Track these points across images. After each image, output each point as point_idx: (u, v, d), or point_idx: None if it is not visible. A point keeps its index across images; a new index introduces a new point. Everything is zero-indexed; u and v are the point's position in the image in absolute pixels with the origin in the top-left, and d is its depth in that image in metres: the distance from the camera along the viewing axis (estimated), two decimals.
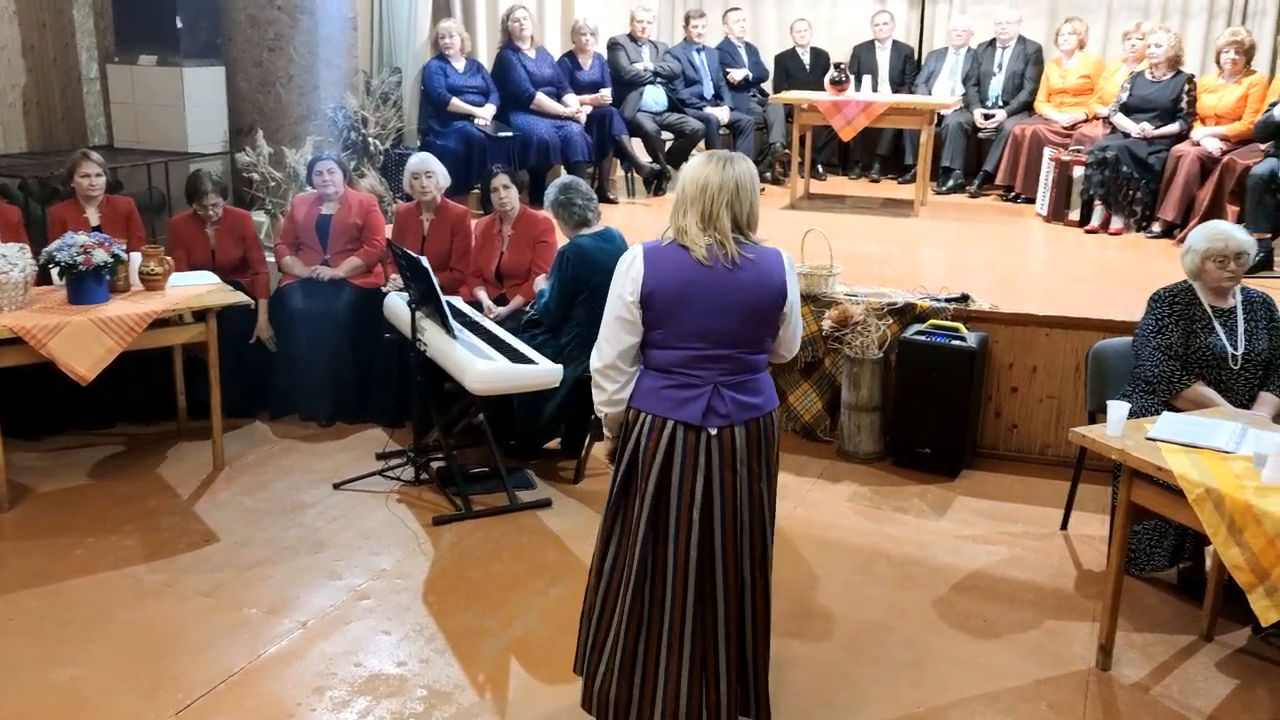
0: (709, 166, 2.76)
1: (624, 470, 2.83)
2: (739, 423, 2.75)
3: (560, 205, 4.73)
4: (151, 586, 3.85)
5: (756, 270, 2.74)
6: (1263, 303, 3.95)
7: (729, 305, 2.72)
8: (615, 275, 2.81)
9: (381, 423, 5.38)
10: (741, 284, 2.72)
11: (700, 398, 2.74)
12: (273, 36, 6.29)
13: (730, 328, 2.73)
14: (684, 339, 2.74)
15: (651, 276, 2.73)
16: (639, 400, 2.80)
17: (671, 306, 2.72)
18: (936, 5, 9.24)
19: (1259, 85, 6.62)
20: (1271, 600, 2.84)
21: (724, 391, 2.75)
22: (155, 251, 4.77)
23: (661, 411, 2.75)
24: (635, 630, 2.82)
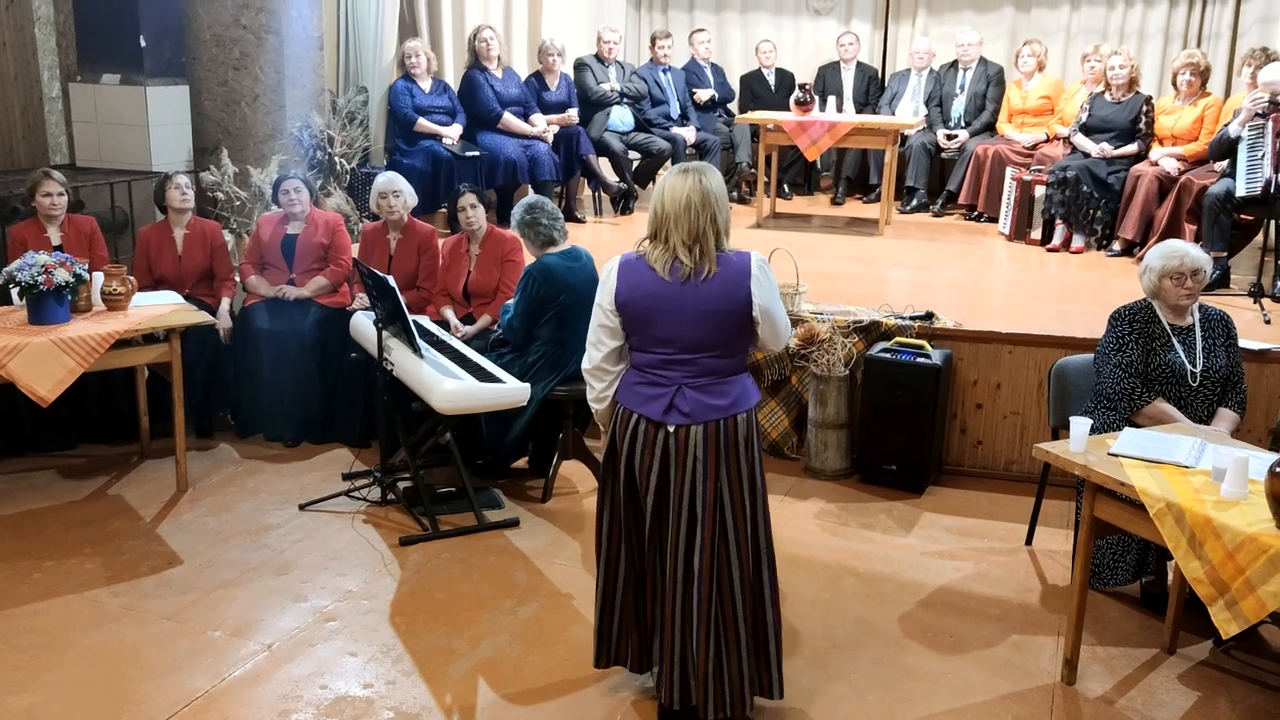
0: (686, 181, 2.94)
1: (606, 454, 3.14)
2: (699, 422, 2.98)
3: (526, 225, 4.73)
4: (113, 610, 3.80)
5: (722, 280, 2.95)
6: (1220, 320, 4.01)
7: (693, 315, 2.95)
8: (599, 285, 3.08)
9: (348, 443, 5.35)
10: (705, 295, 2.94)
11: (664, 396, 3.00)
12: (238, 55, 6.27)
13: (695, 335, 2.96)
14: (653, 344, 3.01)
15: (623, 288, 3.00)
16: (619, 394, 3.11)
17: (640, 316, 2.99)
18: (899, 27, 9.37)
19: (1214, 106, 6.75)
20: (1232, 613, 2.88)
21: (688, 392, 2.99)
22: (118, 271, 4.73)
23: (631, 405, 3.05)
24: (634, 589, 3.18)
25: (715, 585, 3.04)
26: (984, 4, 9.04)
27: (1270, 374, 4.71)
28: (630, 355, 3.10)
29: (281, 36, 6.32)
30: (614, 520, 3.17)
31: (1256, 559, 2.80)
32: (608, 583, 3.22)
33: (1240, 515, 2.92)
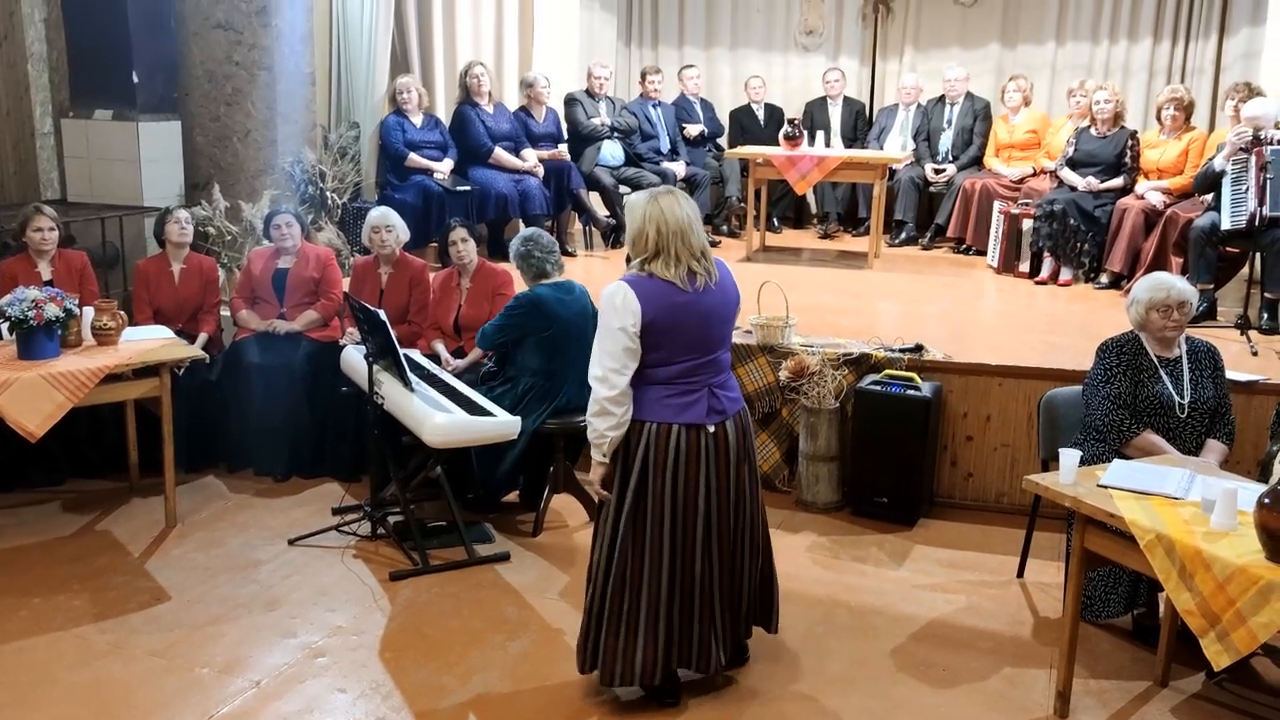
0: (676, 201, 3.21)
1: (637, 477, 3.23)
2: (729, 416, 3.29)
3: (520, 256, 4.77)
4: (100, 647, 3.77)
5: (720, 283, 3.27)
6: (1207, 352, 4.04)
7: (710, 318, 3.23)
8: (608, 313, 3.15)
9: (338, 477, 5.33)
10: (714, 298, 3.24)
11: (699, 401, 3.23)
12: (230, 91, 6.30)
13: (713, 336, 3.25)
14: (681, 353, 3.20)
15: (647, 307, 3.13)
16: (644, 413, 3.22)
17: (669, 328, 3.16)
18: (887, 63, 9.46)
19: (1198, 140, 6.82)
20: (1223, 645, 2.88)
21: (715, 391, 3.27)
22: (108, 306, 4.72)
23: (666, 418, 3.21)
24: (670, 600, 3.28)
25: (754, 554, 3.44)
26: (970, 40, 9.14)
27: (1258, 405, 4.73)
28: (647, 374, 3.21)
29: (274, 72, 6.36)
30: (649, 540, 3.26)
31: (1247, 590, 2.81)
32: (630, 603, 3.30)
33: (1230, 547, 2.93)
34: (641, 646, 3.30)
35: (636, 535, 3.28)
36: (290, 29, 6.42)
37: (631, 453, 3.24)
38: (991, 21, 9.07)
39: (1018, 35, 9.02)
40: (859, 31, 9.51)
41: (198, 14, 6.30)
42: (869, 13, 9.42)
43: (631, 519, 3.27)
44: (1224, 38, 8.33)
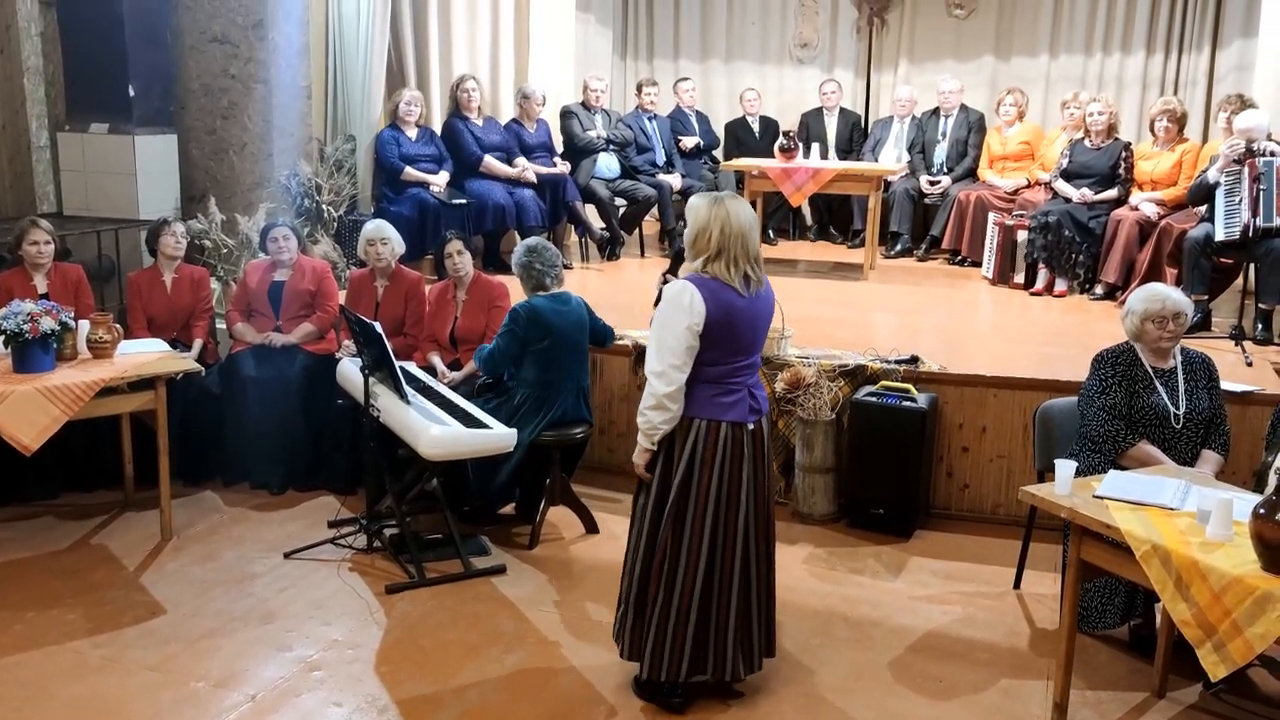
0: (740, 205, 3.33)
1: (683, 473, 3.33)
2: (764, 414, 3.45)
3: (521, 266, 4.79)
4: (95, 661, 3.76)
5: (766, 289, 3.41)
6: (1202, 363, 4.05)
7: (759, 324, 3.38)
8: (674, 310, 3.25)
9: (334, 490, 5.32)
10: (763, 304, 3.39)
11: (742, 400, 3.36)
12: (226, 104, 6.31)
13: (757, 340, 3.41)
14: (731, 355, 3.32)
15: (713, 308, 3.24)
16: (693, 410, 3.33)
17: (727, 331, 3.28)
18: (881, 75, 9.51)
19: (1192, 152, 6.85)
20: (1220, 655, 2.88)
21: (753, 391, 3.41)
22: (104, 319, 4.72)
23: (715, 416, 3.32)
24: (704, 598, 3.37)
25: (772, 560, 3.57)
26: (964, 52, 9.19)
27: (1253, 416, 4.74)
28: (700, 372, 3.31)
29: (270, 86, 6.37)
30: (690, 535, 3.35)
31: (1243, 600, 2.81)
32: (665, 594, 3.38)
33: (1226, 557, 2.93)
34: (670, 640, 3.38)
35: (677, 529, 3.36)
36: (286, 43, 6.43)
37: (679, 448, 3.34)
38: (985, 34, 9.12)
39: (1011, 48, 9.08)
40: (854, 44, 9.56)
41: (194, 28, 6.31)
42: (863, 25, 9.47)
43: (676, 513, 3.36)
44: (1216, 50, 8.38)
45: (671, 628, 3.38)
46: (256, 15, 6.29)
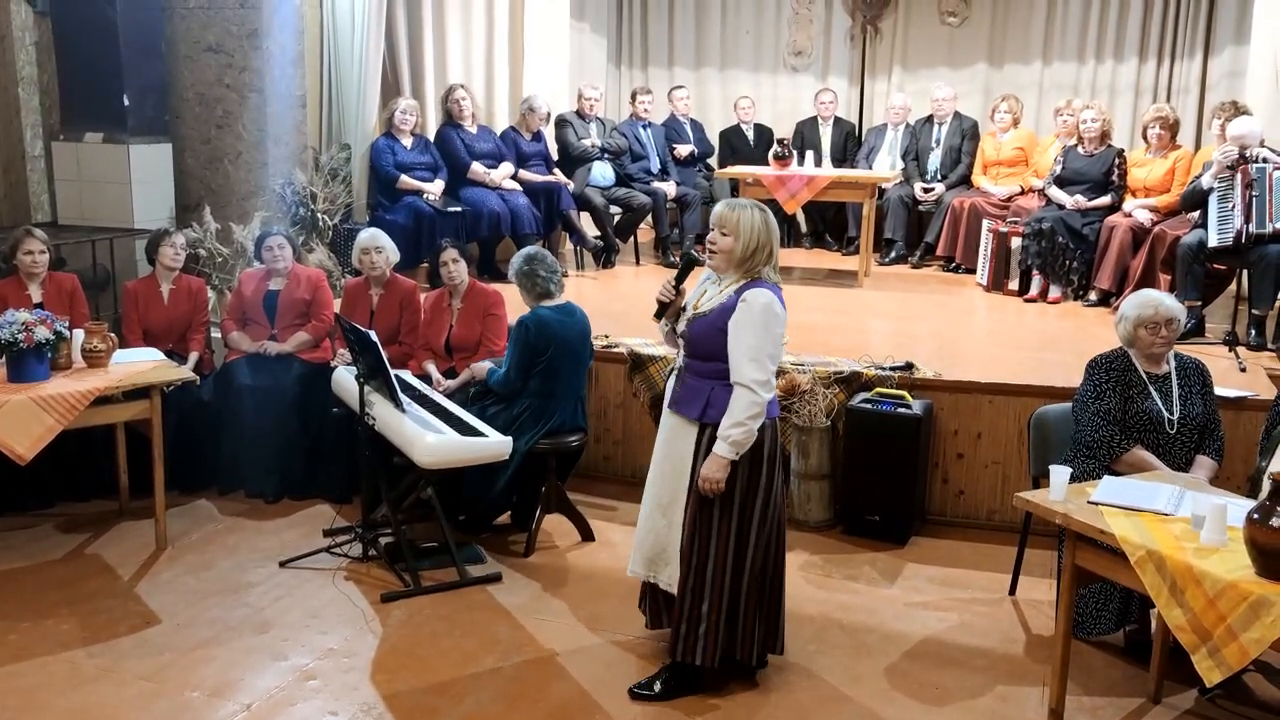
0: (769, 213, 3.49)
1: (767, 472, 3.49)
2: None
3: (524, 275, 4.76)
4: (90, 671, 3.75)
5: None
6: (1196, 369, 4.06)
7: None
8: (772, 320, 3.38)
9: (329, 498, 5.31)
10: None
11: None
12: (221, 114, 6.33)
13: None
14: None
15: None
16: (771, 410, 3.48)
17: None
18: (875, 83, 9.54)
19: (1184, 159, 6.87)
20: (1214, 660, 2.88)
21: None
22: (98, 328, 4.72)
23: (773, 413, 3.51)
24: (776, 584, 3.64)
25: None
26: (958, 60, 9.22)
27: (1247, 421, 4.75)
28: None
29: (265, 95, 6.39)
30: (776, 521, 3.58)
31: (1237, 606, 2.81)
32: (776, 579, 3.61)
33: (1220, 562, 2.94)
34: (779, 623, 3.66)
35: (780, 524, 3.60)
36: (281, 52, 6.45)
37: (765, 450, 3.48)
38: (979, 42, 9.15)
39: (1005, 55, 9.11)
40: (847, 52, 9.58)
41: (189, 37, 6.33)
42: (857, 33, 9.50)
43: (775, 511, 3.55)
44: (1209, 57, 8.42)
45: (779, 616, 3.65)
46: (251, 25, 6.31)
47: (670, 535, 3.60)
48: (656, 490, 3.66)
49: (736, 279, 3.45)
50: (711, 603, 3.50)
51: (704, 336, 3.45)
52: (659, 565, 3.66)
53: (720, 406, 3.41)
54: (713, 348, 3.43)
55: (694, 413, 3.48)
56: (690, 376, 3.52)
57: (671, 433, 3.60)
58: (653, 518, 3.67)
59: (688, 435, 3.53)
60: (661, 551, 3.64)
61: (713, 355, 3.43)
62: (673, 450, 3.59)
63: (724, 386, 3.41)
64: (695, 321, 3.48)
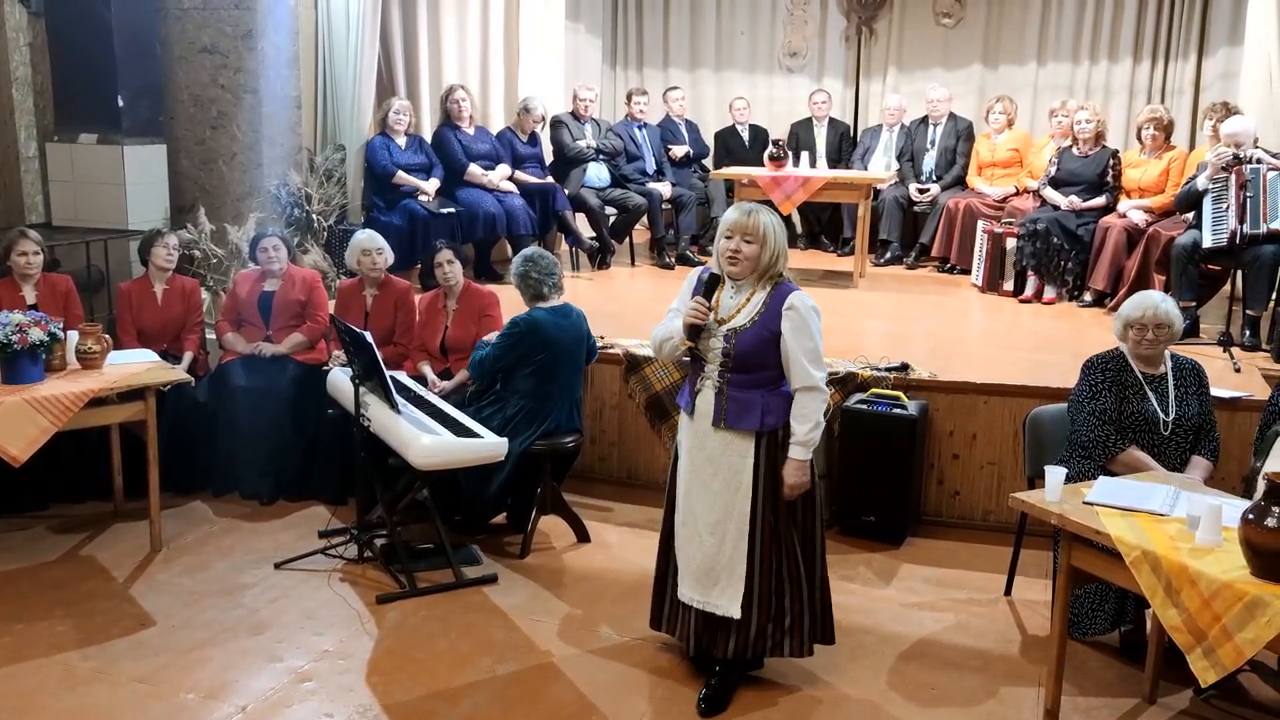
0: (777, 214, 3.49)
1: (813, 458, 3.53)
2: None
3: (519, 276, 4.78)
4: (84, 674, 3.74)
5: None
6: (1192, 370, 4.07)
7: None
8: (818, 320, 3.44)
9: (325, 500, 5.31)
10: None
11: None
12: (215, 114, 6.31)
13: None
14: None
15: None
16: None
17: None
18: (870, 84, 9.55)
19: (1179, 159, 6.88)
20: (1210, 661, 2.89)
21: None
22: (93, 330, 4.71)
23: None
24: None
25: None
26: (953, 61, 9.23)
27: (1241, 422, 4.76)
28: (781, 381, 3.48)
29: (259, 95, 6.37)
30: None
31: (1232, 606, 2.82)
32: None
33: (1215, 562, 2.94)
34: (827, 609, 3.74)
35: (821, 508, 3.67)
36: (276, 52, 6.44)
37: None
38: (973, 42, 9.17)
39: (999, 56, 9.12)
40: (842, 53, 9.59)
41: (183, 38, 6.31)
42: (852, 34, 9.51)
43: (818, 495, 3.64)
44: (1203, 58, 8.44)
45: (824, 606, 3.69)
46: (246, 25, 6.29)
47: (721, 552, 3.50)
48: (703, 509, 3.53)
49: (758, 285, 3.45)
50: (793, 598, 3.55)
51: (752, 349, 3.39)
52: (707, 586, 3.55)
53: (777, 413, 3.43)
54: (761, 358, 3.40)
55: (754, 424, 3.42)
56: (735, 390, 3.44)
57: (718, 450, 3.49)
58: (699, 538, 3.55)
59: (741, 448, 3.46)
60: (710, 570, 3.53)
61: (761, 365, 3.41)
62: (723, 467, 3.49)
63: (772, 392, 3.43)
64: (740, 336, 3.40)
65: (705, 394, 3.50)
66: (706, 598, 3.55)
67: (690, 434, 3.58)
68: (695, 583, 3.57)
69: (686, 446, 3.60)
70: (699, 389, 3.52)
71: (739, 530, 3.48)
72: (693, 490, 3.57)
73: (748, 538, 3.48)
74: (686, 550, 3.60)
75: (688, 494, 3.59)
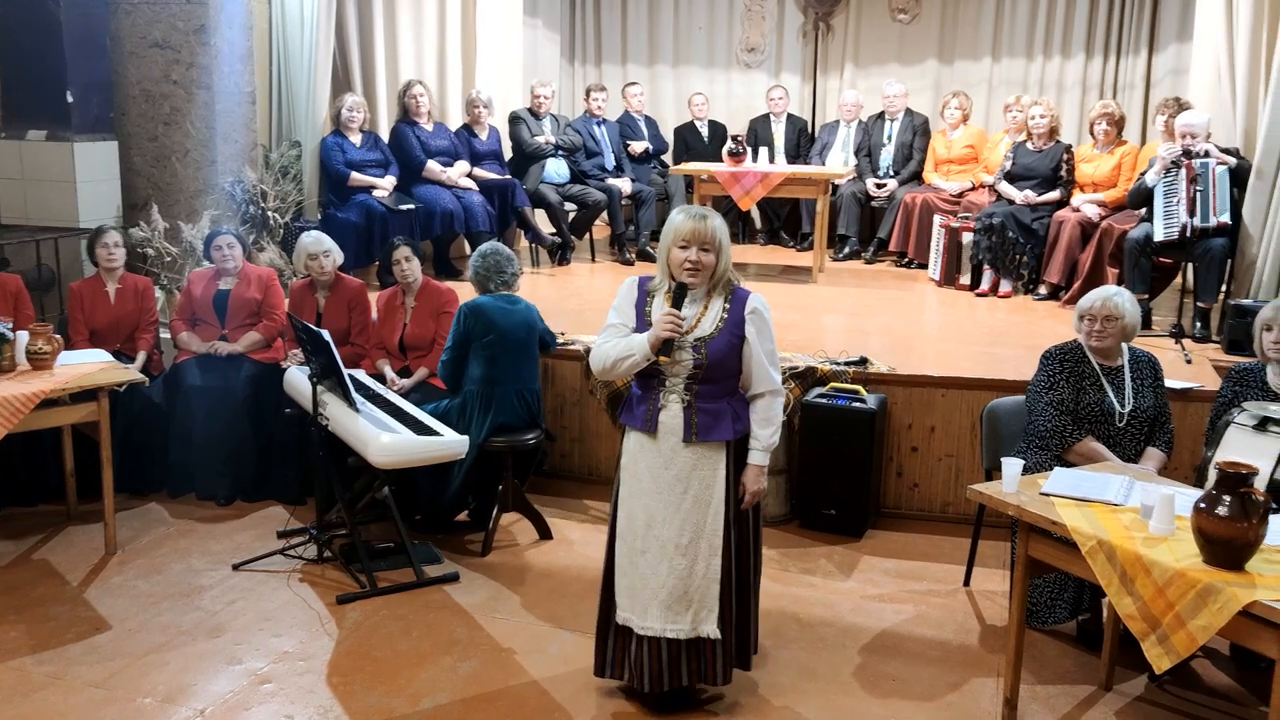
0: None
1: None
2: None
3: (472, 270, 4.89)
4: (38, 679, 3.68)
5: None
6: (1148, 362, 4.13)
7: None
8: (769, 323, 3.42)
9: (283, 500, 5.25)
10: None
11: None
12: (168, 111, 6.22)
13: None
14: None
15: None
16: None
17: None
18: (827, 80, 9.60)
19: (1131, 154, 6.98)
20: (1164, 648, 2.93)
21: None
22: (44, 330, 4.63)
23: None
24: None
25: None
26: (908, 57, 9.30)
27: (1193, 413, 4.84)
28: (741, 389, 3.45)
29: (212, 91, 6.29)
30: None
31: (1185, 594, 2.86)
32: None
33: (1169, 551, 2.99)
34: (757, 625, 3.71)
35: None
36: (229, 48, 6.35)
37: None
38: (929, 38, 9.24)
39: (955, 52, 9.21)
40: (800, 49, 9.63)
41: (134, 33, 6.21)
42: (809, 30, 9.55)
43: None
44: (1153, 54, 8.57)
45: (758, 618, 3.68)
46: (198, 20, 6.20)
47: (694, 573, 3.35)
48: (672, 533, 3.35)
49: (714, 292, 3.39)
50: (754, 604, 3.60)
51: (724, 357, 3.32)
52: (679, 612, 3.35)
53: (744, 418, 3.39)
54: (730, 366, 3.36)
55: (726, 434, 3.34)
56: (704, 402, 3.34)
57: (689, 466, 3.35)
58: (668, 563, 3.35)
59: (714, 461, 3.36)
60: (683, 595, 3.35)
61: (726, 375, 3.36)
62: (695, 483, 3.35)
63: (736, 399, 3.41)
64: (710, 345, 3.31)
65: (671, 409, 3.34)
66: (680, 624, 3.35)
67: (652, 454, 3.37)
68: (665, 611, 3.34)
69: (646, 467, 3.38)
70: (662, 405, 3.35)
71: (711, 547, 3.35)
72: (657, 514, 3.36)
73: (721, 554, 3.36)
74: (652, 580, 3.36)
75: (650, 520, 3.37)
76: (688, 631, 3.36)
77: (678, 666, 3.40)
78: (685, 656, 3.41)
